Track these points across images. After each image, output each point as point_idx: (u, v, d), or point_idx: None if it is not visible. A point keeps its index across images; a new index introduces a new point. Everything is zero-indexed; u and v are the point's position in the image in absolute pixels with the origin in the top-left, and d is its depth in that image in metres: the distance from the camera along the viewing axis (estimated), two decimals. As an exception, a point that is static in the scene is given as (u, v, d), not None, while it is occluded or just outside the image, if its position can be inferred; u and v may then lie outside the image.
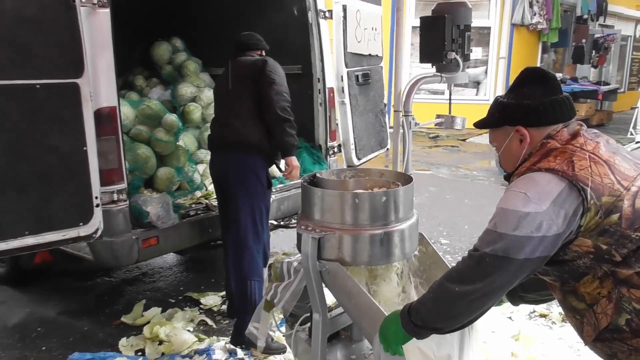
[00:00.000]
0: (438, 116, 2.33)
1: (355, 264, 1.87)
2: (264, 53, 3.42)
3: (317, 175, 2.08)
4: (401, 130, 2.52)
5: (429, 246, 2.14)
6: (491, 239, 1.44)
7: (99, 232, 2.76)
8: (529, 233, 1.39)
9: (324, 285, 1.90)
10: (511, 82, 1.67)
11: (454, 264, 1.57)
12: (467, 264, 1.49)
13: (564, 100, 1.58)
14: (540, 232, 1.39)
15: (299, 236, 1.90)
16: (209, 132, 4.46)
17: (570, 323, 1.64)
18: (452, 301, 1.48)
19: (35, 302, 3.81)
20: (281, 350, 2.99)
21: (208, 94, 4.59)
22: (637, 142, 10.18)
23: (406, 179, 2.03)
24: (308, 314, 2.05)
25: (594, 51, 13.28)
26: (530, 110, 1.57)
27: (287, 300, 2.10)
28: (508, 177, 1.66)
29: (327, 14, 4.05)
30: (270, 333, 2.97)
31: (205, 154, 4.38)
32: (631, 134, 10.72)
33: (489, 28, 10.97)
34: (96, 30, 2.75)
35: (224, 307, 3.69)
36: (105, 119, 2.84)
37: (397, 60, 2.12)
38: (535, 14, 11.16)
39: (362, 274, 1.99)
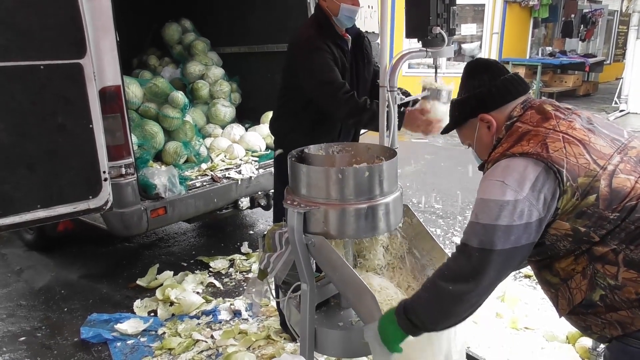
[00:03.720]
0: (424, 89, 2.14)
1: (341, 237, 1.73)
2: None
3: (305, 150, 1.93)
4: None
5: (413, 217, 1.99)
6: (475, 231, 1.28)
7: (109, 204, 2.66)
8: (512, 222, 1.23)
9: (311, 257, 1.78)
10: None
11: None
12: (457, 261, 1.33)
13: (512, 78, 1.47)
14: (523, 219, 1.23)
15: (286, 211, 1.76)
16: (216, 107, 4.32)
17: (545, 295, 1.50)
18: (449, 301, 1.31)
19: (59, 266, 3.75)
20: None
21: (215, 72, 4.42)
22: (622, 111, 9.84)
23: (391, 153, 1.87)
24: (299, 282, 1.94)
25: (582, 25, 12.88)
26: (485, 95, 1.46)
27: (280, 270, 1.99)
28: (482, 167, 1.50)
29: (324, -7, 3.79)
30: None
31: (214, 128, 4.23)
32: (616, 103, 10.38)
33: (484, 5, 10.49)
34: (98, 12, 2.59)
35: (231, 269, 3.61)
36: (110, 97, 2.70)
37: (382, 34, 1.92)
38: (527, -9, 10.66)
39: (349, 245, 1.86)
